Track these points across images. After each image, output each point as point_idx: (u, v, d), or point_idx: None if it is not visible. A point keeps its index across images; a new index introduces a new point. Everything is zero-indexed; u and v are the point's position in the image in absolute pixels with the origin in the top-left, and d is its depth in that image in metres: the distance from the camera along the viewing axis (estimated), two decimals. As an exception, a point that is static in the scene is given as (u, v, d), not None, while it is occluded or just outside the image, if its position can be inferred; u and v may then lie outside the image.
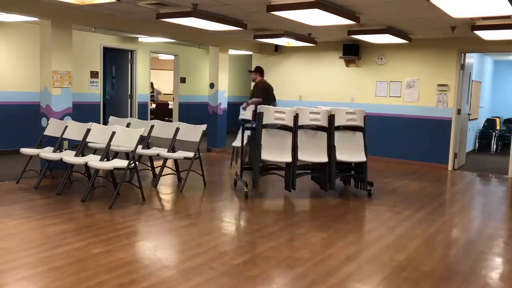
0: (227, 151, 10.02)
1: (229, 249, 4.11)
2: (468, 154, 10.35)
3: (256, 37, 8.69)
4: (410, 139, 9.19)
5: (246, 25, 7.25)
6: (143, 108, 11.27)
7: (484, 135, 11.82)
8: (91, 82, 10.05)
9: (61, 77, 6.77)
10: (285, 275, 3.61)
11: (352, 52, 9.52)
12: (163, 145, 6.77)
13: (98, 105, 10.24)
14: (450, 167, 8.82)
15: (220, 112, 10.02)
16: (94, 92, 10.13)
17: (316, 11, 5.54)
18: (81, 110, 8.99)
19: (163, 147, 6.62)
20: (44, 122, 6.72)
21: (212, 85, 10.03)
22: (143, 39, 10.39)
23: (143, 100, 11.26)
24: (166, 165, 6.75)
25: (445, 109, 8.82)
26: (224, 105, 10.10)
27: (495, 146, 11.45)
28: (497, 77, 13.17)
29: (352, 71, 9.82)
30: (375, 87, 9.55)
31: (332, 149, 6.13)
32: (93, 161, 5.51)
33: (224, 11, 6.44)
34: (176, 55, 12.07)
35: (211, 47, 9.97)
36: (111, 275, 3.41)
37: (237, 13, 6.60)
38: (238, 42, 10.17)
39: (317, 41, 9.26)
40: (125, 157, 6.36)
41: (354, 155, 6.21)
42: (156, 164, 7.04)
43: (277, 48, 10.64)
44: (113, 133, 5.75)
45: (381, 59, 9.45)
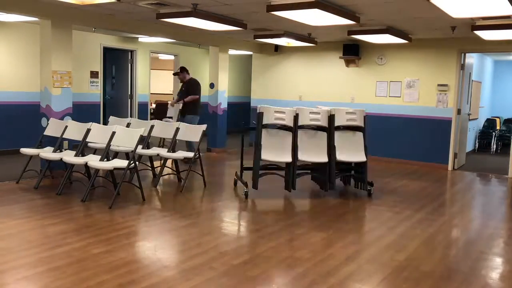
0: (227, 151, 10.02)
1: (229, 249, 4.11)
2: (468, 154, 10.35)
3: (256, 37, 8.69)
4: (410, 139, 9.19)
5: (246, 25, 7.25)
6: (143, 108, 11.28)
7: (484, 135, 11.82)
8: (91, 82, 10.06)
9: (61, 77, 6.77)
10: (285, 275, 3.61)
11: (352, 52, 9.52)
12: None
13: (98, 105, 10.24)
14: (450, 167, 8.82)
15: (220, 112, 10.02)
16: (94, 92, 10.13)
17: (316, 11, 5.54)
18: (81, 110, 8.99)
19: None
20: (44, 122, 6.72)
21: (212, 85, 10.03)
22: (143, 39, 10.39)
23: (143, 100, 11.26)
24: (166, 165, 6.77)
25: (445, 109, 8.82)
26: (224, 105, 10.10)
27: (495, 146, 11.45)
28: (497, 77, 13.17)
29: (352, 71, 9.82)
30: (375, 87, 9.55)
31: (332, 149, 6.14)
32: (93, 161, 5.51)
33: (224, 11, 6.44)
34: (176, 55, 12.06)
35: (211, 47, 9.97)
36: (111, 275, 3.42)
37: (237, 13, 6.60)
38: (238, 42, 10.17)
39: (317, 41, 9.26)
40: (125, 157, 6.36)
41: (354, 155, 6.21)
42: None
43: (277, 48, 10.64)
44: (113, 133, 5.75)
45: (381, 59, 9.45)
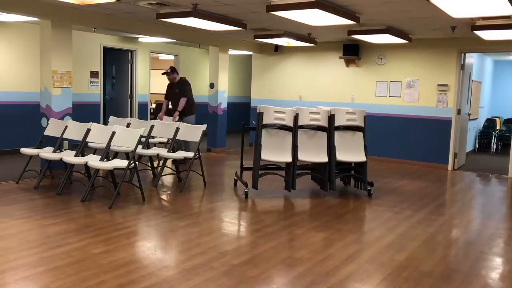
0: (227, 151, 10.02)
1: (229, 249, 4.11)
2: (468, 154, 10.36)
3: (256, 37, 8.69)
4: (410, 139, 9.19)
5: (246, 25, 7.25)
6: (143, 108, 11.28)
7: (484, 135, 11.82)
8: (91, 82, 10.06)
9: (61, 77, 6.77)
10: (285, 275, 3.61)
11: (352, 52, 9.52)
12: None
13: (98, 105, 10.24)
14: (450, 167, 8.82)
15: (220, 112, 10.02)
16: (94, 92, 10.13)
17: (316, 11, 5.54)
18: (81, 110, 8.99)
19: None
20: (44, 122, 6.72)
21: (212, 85, 10.03)
22: (143, 39, 10.40)
23: (143, 100, 11.26)
24: (166, 165, 6.77)
25: (445, 109, 8.82)
26: (224, 105, 10.10)
27: (495, 146, 11.45)
28: (497, 77, 13.18)
29: (352, 71, 9.82)
30: (375, 87, 9.55)
31: (332, 149, 6.14)
32: (93, 161, 5.51)
33: (224, 11, 6.44)
34: (176, 55, 12.06)
35: (211, 47, 9.97)
36: (111, 275, 3.42)
37: (237, 13, 6.60)
38: (238, 42, 10.17)
39: (317, 41, 9.26)
40: (125, 157, 6.36)
41: (354, 155, 6.21)
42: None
43: (277, 48, 10.64)
44: (113, 133, 5.75)
45: (381, 59, 9.45)
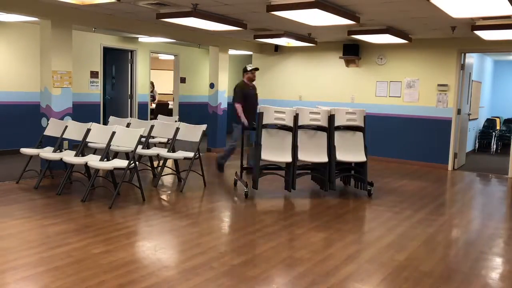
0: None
1: (229, 249, 4.11)
2: (468, 154, 10.35)
3: (256, 37, 8.69)
4: (410, 139, 9.19)
5: (246, 25, 7.25)
6: (143, 108, 11.27)
7: (484, 135, 11.82)
8: (91, 82, 10.05)
9: (61, 77, 6.77)
10: (285, 275, 3.61)
11: (352, 52, 9.52)
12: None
13: (98, 105, 10.24)
14: (450, 167, 8.82)
15: (220, 112, 10.02)
16: (94, 92, 10.13)
17: (316, 11, 5.54)
18: (81, 110, 8.99)
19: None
20: (44, 122, 6.72)
21: (212, 85, 10.03)
22: (143, 39, 10.39)
23: (143, 100, 11.26)
24: (166, 165, 6.77)
25: (445, 109, 8.82)
26: (224, 105, 10.10)
27: (495, 146, 11.45)
28: (497, 77, 13.17)
29: (352, 71, 9.82)
30: (375, 87, 9.55)
31: (332, 149, 6.14)
32: (93, 161, 5.51)
33: (224, 11, 6.44)
34: (176, 55, 12.06)
35: (211, 47, 9.97)
36: (111, 275, 3.42)
37: (237, 13, 6.60)
38: (238, 42, 10.17)
39: (317, 41, 9.26)
40: (125, 157, 6.36)
41: (354, 155, 6.21)
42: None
43: (277, 48, 10.64)
44: (113, 133, 5.75)
45: (381, 59, 9.45)
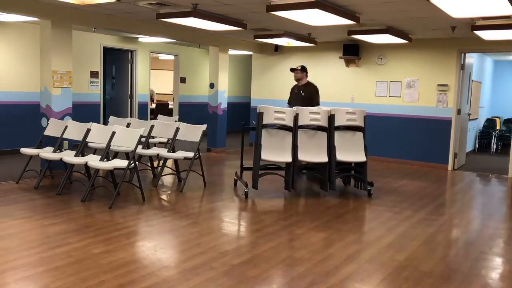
0: (227, 151, 10.02)
1: (229, 249, 4.11)
2: (468, 154, 10.35)
3: (256, 37, 8.69)
4: (410, 139, 9.19)
5: (246, 25, 7.24)
6: (143, 108, 11.28)
7: (484, 135, 11.82)
8: (91, 82, 10.05)
9: (61, 77, 6.77)
10: (285, 275, 3.61)
11: (352, 52, 9.52)
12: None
13: (98, 105, 10.24)
14: (450, 167, 8.82)
15: (220, 112, 10.02)
16: (94, 92, 10.13)
17: (316, 11, 5.54)
18: (81, 110, 8.99)
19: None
20: (44, 122, 6.72)
21: (212, 85, 10.03)
22: (143, 39, 10.39)
23: (143, 100, 11.26)
24: (166, 165, 6.76)
25: (445, 109, 8.82)
26: (224, 105, 10.10)
27: (495, 146, 11.45)
28: (497, 77, 13.17)
29: (352, 71, 9.82)
30: (375, 87, 9.54)
31: (332, 149, 6.14)
32: (93, 161, 5.50)
33: (224, 11, 6.44)
34: (176, 55, 12.06)
35: (211, 47, 9.97)
36: (111, 275, 3.42)
37: (237, 13, 6.60)
38: (238, 42, 10.17)
39: (317, 41, 9.26)
40: (125, 157, 6.36)
41: (354, 155, 6.21)
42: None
43: (277, 48, 10.64)
44: (113, 133, 5.75)
45: (381, 59, 9.45)
